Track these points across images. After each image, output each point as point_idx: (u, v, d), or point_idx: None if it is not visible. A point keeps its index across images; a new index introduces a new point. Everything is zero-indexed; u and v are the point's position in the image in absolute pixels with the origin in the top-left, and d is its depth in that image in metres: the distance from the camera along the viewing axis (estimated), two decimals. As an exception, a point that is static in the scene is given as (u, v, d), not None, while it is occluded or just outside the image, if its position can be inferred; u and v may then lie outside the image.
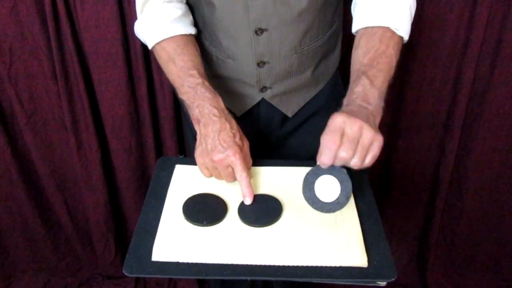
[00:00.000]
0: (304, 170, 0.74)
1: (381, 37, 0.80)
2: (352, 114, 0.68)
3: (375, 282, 0.66)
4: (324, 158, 0.67)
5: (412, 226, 1.63)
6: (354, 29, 0.87)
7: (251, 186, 0.78)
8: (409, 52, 1.28)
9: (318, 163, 0.69)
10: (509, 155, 1.40)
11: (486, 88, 1.29)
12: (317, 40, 0.94)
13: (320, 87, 1.02)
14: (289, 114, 1.02)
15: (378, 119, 0.72)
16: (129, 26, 1.21)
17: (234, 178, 0.79)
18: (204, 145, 0.80)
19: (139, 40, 1.18)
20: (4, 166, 1.41)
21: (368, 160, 0.67)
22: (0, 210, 1.52)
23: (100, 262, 1.65)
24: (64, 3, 1.15)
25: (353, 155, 0.66)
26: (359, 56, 0.80)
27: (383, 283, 0.66)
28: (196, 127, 0.83)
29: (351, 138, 0.66)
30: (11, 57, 1.24)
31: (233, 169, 0.78)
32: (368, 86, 0.74)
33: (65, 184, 1.50)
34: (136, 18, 0.93)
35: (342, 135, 0.66)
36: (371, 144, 0.66)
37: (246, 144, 0.82)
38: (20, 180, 1.44)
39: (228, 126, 0.79)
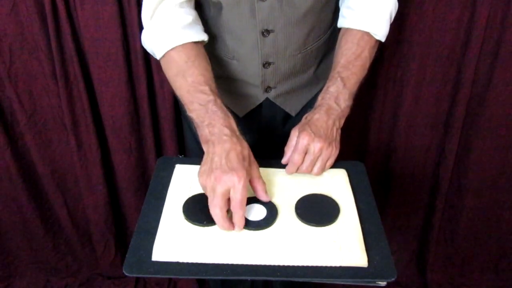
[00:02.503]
0: None
1: (359, 40, 0.88)
2: (320, 120, 0.82)
3: (375, 282, 0.66)
4: (289, 170, 0.82)
5: (412, 226, 1.62)
6: (338, 25, 0.93)
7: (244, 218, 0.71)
8: (409, 52, 1.28)
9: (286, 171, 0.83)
10: (509, 155, 1.40)
11: (486, 88, 1.29)
12: (320, 39, 0.95)
13: (321, 85, 1.01)
14: (293, 113, 1.03)
15: (343, 120, 0.86)
16: (129, 26, 1.21)
17: (223, 220, 0.69)
18: (209, 164, 0.73)
19: (139, 40, 1.18)
20: (4, 166, 1.41)
21: (327, 168, 0.84)
22: (0, 210, 1.51)
23: (100, 262, 1.65)
24: (64, 3, 1.15)
25: (312, 169, 0.82)
26: (338, 56, 0.89)
27: (383, 283, 0.66)
28: (204, 147, 0.77)
29: (312, 157, 0.81)
30: (11, 57, 1.24)
31: (229, 197, 0.70)
32: (341, 87, 0.85)
33: (65, 184, 1.50)
34: (136, 19, 0.92)
35: (306, 153, 0.81)
36: (328, 158, 0.82)
37: (255, 167, 0.76)
38: (20, 180, 1.44)
39: (239, 147, 0.74)
